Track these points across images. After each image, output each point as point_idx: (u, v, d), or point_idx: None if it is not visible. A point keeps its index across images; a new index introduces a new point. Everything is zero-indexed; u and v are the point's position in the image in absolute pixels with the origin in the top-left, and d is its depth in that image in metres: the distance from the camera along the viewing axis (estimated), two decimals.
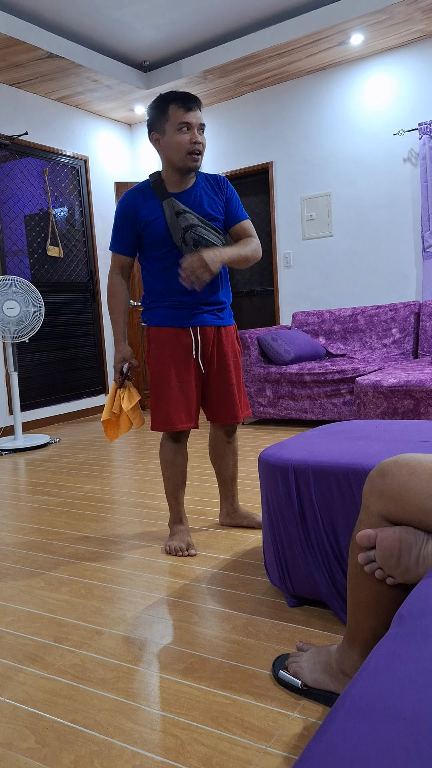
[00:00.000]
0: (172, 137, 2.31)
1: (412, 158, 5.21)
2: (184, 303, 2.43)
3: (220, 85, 5.72)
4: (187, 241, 2.33)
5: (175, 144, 2.30)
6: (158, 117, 2.34)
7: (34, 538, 2.76)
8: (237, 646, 1.74)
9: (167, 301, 2.44)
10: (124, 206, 2.40)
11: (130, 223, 2.40)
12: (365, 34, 4.86)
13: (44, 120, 5.79)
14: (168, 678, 1.60)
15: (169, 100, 2.31)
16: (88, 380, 6.30)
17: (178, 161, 2.33)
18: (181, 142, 2.29)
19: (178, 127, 2.29)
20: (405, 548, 1.14)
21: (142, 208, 2.38)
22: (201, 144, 2.32)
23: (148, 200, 2.38)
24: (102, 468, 4.00)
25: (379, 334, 5.14)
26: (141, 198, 2.39)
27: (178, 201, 2.38)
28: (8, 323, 4.75)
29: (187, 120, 2.28)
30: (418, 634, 0.73)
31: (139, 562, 2.40)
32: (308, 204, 5.79)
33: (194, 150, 2.30)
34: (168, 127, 2.31)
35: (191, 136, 2.29)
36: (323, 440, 2.04)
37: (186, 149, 2.30)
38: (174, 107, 2.29)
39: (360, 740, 0.55)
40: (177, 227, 2.34)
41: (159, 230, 2.36)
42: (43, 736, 1.41)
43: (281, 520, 1.88)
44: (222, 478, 2.70)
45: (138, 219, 2.38)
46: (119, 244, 2.45)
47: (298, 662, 1.51)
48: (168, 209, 2.35)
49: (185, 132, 2.29)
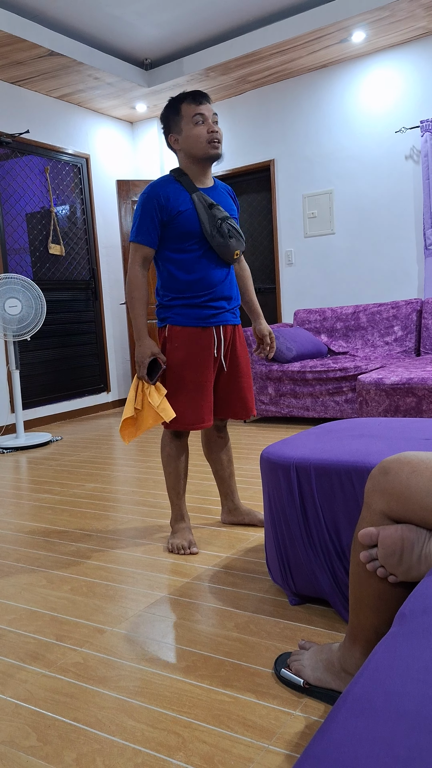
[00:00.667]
0: (189, 132, 2.38)
1: (414, 156, 5.20)
2: (209, 299, 2.45)
3: (222, 82, 5.71)
4: (222, 231, 2.38)
5: (194, 137, 2.37)
6: (173, 118, 2.42)
7: (35, 536, 2.76)
8: (239, 644, 1.74)
9: (191, 299, 2.44)
10: (153, 195, 2.38)
11: (159, 212, 2.38)
12: (367, 31, 4.84)
13: (46, 118, 5.78)
14: (170, 676, 1.60)
15: (180, 99, 2.39)
16: (90, 378, 6.30)
17: (200, 151, 2.38)
18: (200, 134, 2.36)
19: (193, 120, 2.36)
20: (407, 546, 1.13)
21: (173, 198, 2.38)
22: (218, 132, 2.39)
23: (178, 191, 2.41)
24: (104, 466, 4.00)
25: (381, 332, 5.13)
26: (170, 188, 2.40)
27: (206, 195, 2.44)
28: (10, 321, 4.75)
29: (200, 111, 2.35)
30: (420, 632, 0.73)
31: (140, 560, 2.40)
32: (310, 202, 5.78)
33: (213, 138, 2.37)
34: (183, 124, 2.38)
35: (207, 126, 2.36)
36: (325, 438, 2.04)
37: (205, 138, 2.36)
38: (186, 104, 2.37)
39: (362, 738, 0.55)
40: (212, 218, 2.39)
41: (190, 221, 2.38)
42: (45, 734, 1.41)
43: (283, 518, 1.88)
44: (219, 474, 2.70)
45: (168, 208, 2.37)
46: (144, 235, 2.41)
47: (300, 660, 1.51)
48: (199, 201, 2.39)
49: (201, 124, 2.36)
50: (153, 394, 2.40)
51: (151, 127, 6.63)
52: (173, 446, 2.54)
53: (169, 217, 2.38)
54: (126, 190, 6.15)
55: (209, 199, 2.41)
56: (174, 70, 5.54)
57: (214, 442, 2.69)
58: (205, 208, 2.39)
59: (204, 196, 2.41)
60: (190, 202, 2.39)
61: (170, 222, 2.38)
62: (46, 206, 5.82)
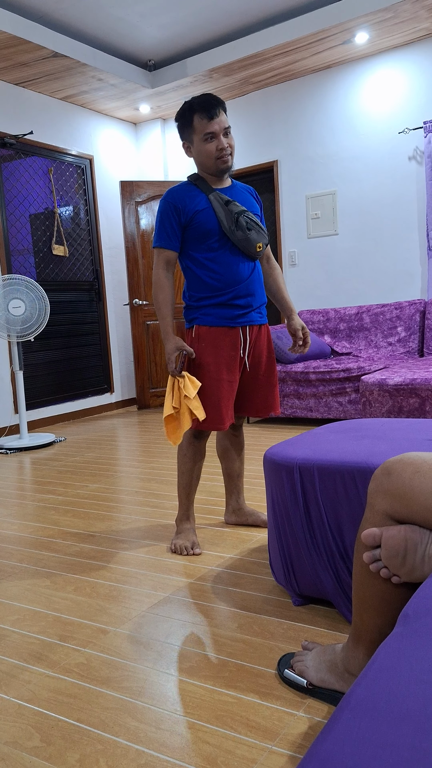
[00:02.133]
0: (200, 147, 2.44)
1: (417, 156, 5.20)
2: (234, 296, 2.47)
3: (225, 83, 5.72)
4: (240, 224, 2.43)
5: (204, 153, 2.44)
6: (185, 128, 2.48)
7: (39, 537, 2.76)
8: (242, 644, 1.74)
9: (216, 297, 2.47)
10: (171, 199, 2.46)
11: (178, 215, 2.45)
12: (370, 32, 4.84)
13: (49, 119, 5.79)
14: (173, 677, 1.60)
15: (193, 111, 2.43)
16: (93, 379, 6.31)
17: (210, 167, 2.46)
18: (209, 151, 2.43)
19: (203, 138, 2.42)
20: (410, 547, 1.13)
21: (190, 200, 2.46)
22: (228, 148, 2.43)
23: (194, 194, 2.47)
24: (107, 467, 4.00)
25: (385, 333, 5.13)
26: (187, 192, 2.47)
27: (222, 194, 2.50)
28: (13, 322, 4.76)
29: (211, 130, 2.40)
30: (423, 633, 0.73)
31: (144, 561, 2.40)
32: (313, 202, 5.78)
33: (221, 156, 2.43)
34: (195, 137, 2.45)
35: (217, 143, 2.42)
36: (328, 439, 2.03)
37: (214, 156, 2.43)
38: (198, 118, 2.42)
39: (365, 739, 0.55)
40: (229, 213, 2.44)
41: (208, 219, 2.43)
42: (49, 734, 1.41)
43: (286, 519, 1.88)
44: (228, 472, 2.72)
45: (186, 210, 2.44)
46: (164, 239, 2.47)
47: (304, 661, 1.51)
48: (215, 200, 2.45)
49: (210, 141, 2.42)
50: (188, 387, 2.39)
51: (154, 128, 6.63)
52: (192, 447, 2.57)
53: (188, 219, 2.44)
54: (129, 191, 6.15)
55: (225, 197, 2.46)
56: (177, 72, 5.55)
57: (230, 440, 2.71)
58: (221, 205, 2.44)
59: (220, 195, 2.46)
60: (207, 201, 2.45)
61: (189, 223, 2.44)
62: (50, 207, 5.83)
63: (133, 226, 6.20)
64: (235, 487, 2.73)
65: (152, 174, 6.71)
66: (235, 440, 2.71)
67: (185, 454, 2.57)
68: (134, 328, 6.24)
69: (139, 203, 6.21)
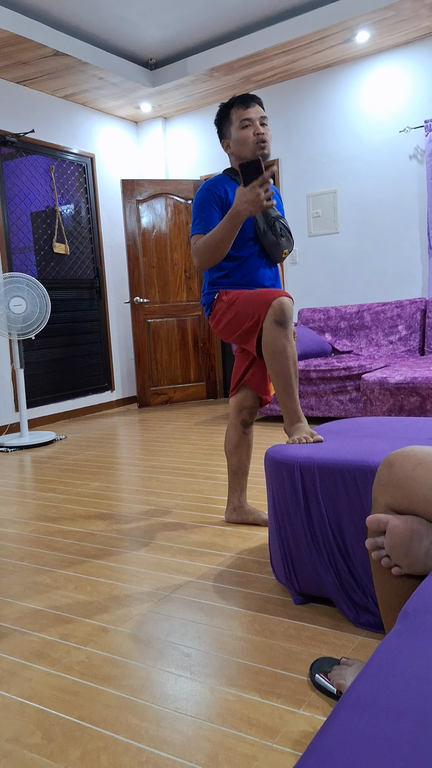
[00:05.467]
0: (237, 135, 2.50)
1: (418, 155, 5.20)
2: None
3: (226, 82, 5.71)
4: (275, 230, 2.48)
5: (242, 139, 2.49)
6: (224, 123, 2.55)
7: (40, 535, 2.77)
8: (243, 643, 1.75)
9: (240, 287, 2.56)
10: (214, 189, 2.50)
11: (220, 204, 2.49)
12: (371, 31, 4.84)
13: (50, 117, 5.79)
14: (174, 674, 1.61)
15: (230, 105, 2.53)
16: (94, 377, 6.31)
17: (249, 153, 2.50)
18: (247, 136, 2.48)
19: (241, 125, 2.49)
20: (416, 538, 1.13)
21: (231, 194, 2.51)
22: (264, 134, 2.49)
23: (234, 188, 2.52)
24: (108, 465, 4.01)
25: (386, 331, 5.13)
26: (228, 186, 2.53)
27: None
28: (14, 320, 4.76)
29: (248, 116, 2.48)
30: (423, 630, 0.73)
31: (145, 560, 2.40)
32: (314, 201, 5.78)
33: (259, 140, 2.48)
34: (233, 129, 2.52)
35: (254, 129, 2.48)
36: (329, 437, 2.04)
37: (252, 140, 2.48)
38: (235, 109, 2.51)
39: (364, 736, 0.55)
40: (266, 216, 2.50)
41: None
42: (50, 732, 1.42)
43: (287, 518, 1.88)
44: (233, 469, 2.73)
45: (227, 203, 2.49)
46: (205, 225, 2.49)
47: (343, 675, 1.49)
48: None
49: (248, 127, 2.48)
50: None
51: (155, 126, 6.63)
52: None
53: (226, 211, 2.48)
54: (131, 190, 6.15)
55: None
56: (178, 70, 5.55)
57: (240, 437, 2.73)
58: None
59: None
60: None
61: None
62: (51, 205, 5.83)
63: (134, 224, 6.20)
64: (238, 484, 2.73)
65: (153, 172, 6.71)
66: (245, 438, 2.73)
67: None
68: (135, 326, 6.24)
69: (140, 201, 6.21)
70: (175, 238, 6.37)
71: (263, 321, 2.34)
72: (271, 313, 2.31)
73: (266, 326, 2.33)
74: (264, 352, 2.36)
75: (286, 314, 2.30)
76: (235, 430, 2.71)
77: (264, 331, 2.34)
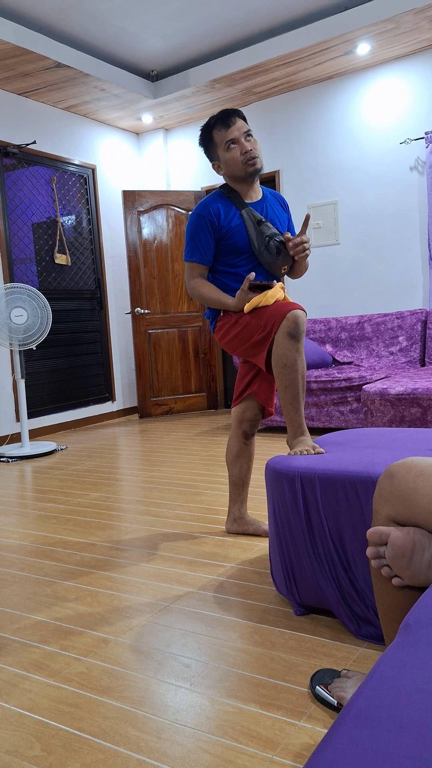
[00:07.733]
0: (225, 157, 2.50)
1: (418, 167, 5.22)
2: None
3: (227, 94, 5.75)
4: (270, 248, 2.46)
5: (230, 161, 2.49)
6: (209, 146, 2.55)
7: (40, 546, 2.76)
8: (243, 654, 1.74)
9: None
10: (206, 213, 2.49)
11: (213, 229, 2.49)
12: (372, 43, 4.87)
13: (52, 129, 5.82)
14: (174, 686, 1.60)
15: (210, 127, 2.51)
16: (95, 387, 6.32)
17: (239, 172, 2.50)
18: (234, 157, 2.48)
19: (226, 147, 2.48)
20: (418, 550, 1.12)
21: (224, 214, 2.50)
22: (252, 150, 2.48)
23: (228, 207, 2.52)
24: (108, 475, 4.00)
25: (386, 342, 5.13)
26: (221, 205, 2.51)
27: (255, 211, 2.54)
28: (16, 330, 4.77)
29: (230, 137, 2.47)
30: (424, 643, 0.73)
31: (145, 570, 2.40)
32: (315, 212, 5.80)
33: (247, 158, 2.47)
34: (219, 151, 2.51)
35: (240, 148, 2.47)
36: (330, 448, 2.04)
37: (240, 161, 2.48)
38: (216, 131, 2.50)
39: (365, 749, 0.55)
40: (261, 234, 2.48)
41: (240, 237, 2.48)
42: (49, 743, 1.41)
43: (288, 528, 1.88)
44: (234, 480, 2.73)
45: (220, 225, 2.49)
46: (198, 253, 2.51)
47: (344, 687, 1.48)
48: (248, 218, 2.49)
49: (233, 147, 2.48)
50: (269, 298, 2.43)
51: (157, 138, 6.67)
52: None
53: (221, 234, 2.49)
54: (132, 201, 6.18)
55: (258, 216, 2.50)
56: (180, 82, 5.58)
57: (241, 448, 2.72)
58: (253, 224, 2.48)
59: (253, 213, 2.50)
60: (240, 218, 2.49)
61: (222, 238, 2.50)
62: (53, 216, 5.85)
63: (135, 235, 6.22)
64: (239, 495, 2.73)
65: (154, 183, 6.74)
66: (246, 449, 2.72)
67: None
68: (136, 336, 6.25)
69: (141, 212, 6.24)
70: (176, 249, 6.38)
71: (275, 333, 2.33)
72: (285, 325, 2.30)
73: (278, 338, 2.31)
74: (274, 364, 2.34)
75: (299, 327, 2.30)
76: (237, 441, 2.71)
77: (276, 343, 2.33)
